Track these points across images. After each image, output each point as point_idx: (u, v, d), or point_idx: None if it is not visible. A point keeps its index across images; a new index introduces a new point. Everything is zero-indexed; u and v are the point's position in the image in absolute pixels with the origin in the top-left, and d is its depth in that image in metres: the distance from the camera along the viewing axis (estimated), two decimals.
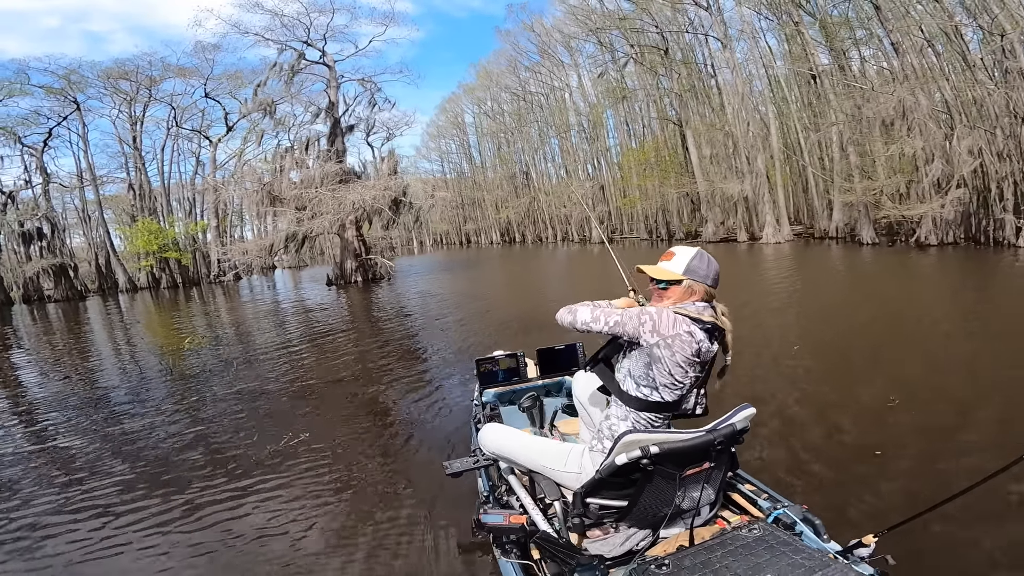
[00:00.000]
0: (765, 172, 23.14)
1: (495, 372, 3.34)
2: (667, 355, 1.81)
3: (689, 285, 1.90)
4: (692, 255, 1.93)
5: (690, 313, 1.83)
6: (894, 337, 6.28)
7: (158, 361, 8.11)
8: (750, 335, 6.63)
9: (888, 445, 3.45)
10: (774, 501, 1.90)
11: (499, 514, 1.87)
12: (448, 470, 2.30)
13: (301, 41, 22.38)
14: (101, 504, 3.58)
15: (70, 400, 6.46)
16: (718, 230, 26.49)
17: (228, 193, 25.66)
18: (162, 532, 3.17)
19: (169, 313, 17.86)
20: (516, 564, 1.82)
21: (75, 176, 32.75)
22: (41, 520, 3.42)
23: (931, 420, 3.83)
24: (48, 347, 12.08)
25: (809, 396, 4.59)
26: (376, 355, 7.57)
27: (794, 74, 24.05)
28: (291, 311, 15.11)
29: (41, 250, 29.62)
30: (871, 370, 5.14)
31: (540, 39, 38.37)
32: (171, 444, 4.63)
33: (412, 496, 3.29)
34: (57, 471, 4.20)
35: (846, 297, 9.64)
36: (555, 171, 46.57)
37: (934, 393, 4.38)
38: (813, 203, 24.33)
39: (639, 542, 1.81)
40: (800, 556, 1.46)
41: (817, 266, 14.75)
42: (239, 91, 31.11)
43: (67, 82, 29.00)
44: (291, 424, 4.80)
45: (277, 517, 3.22)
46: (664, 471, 1.67)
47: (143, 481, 3.87)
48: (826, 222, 22.77)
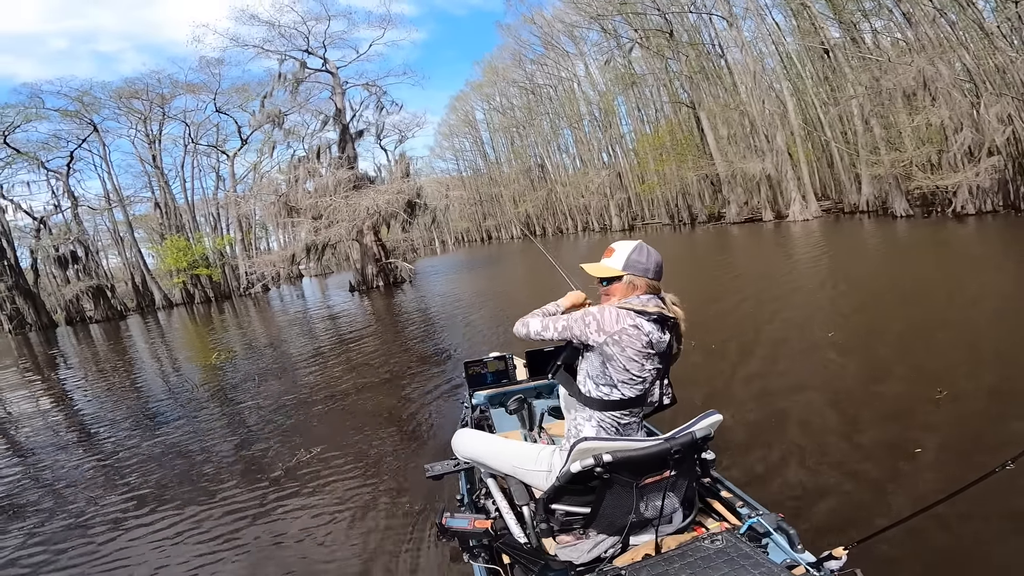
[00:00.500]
0: (787, 149, 22.39)
1: (484, 375, 3.30)
2: (617, 351, 1.79)
3: (630, 280, 1.90)
4: (631, 249, 1.92)
5: (633, 307, 1.82)
6: (941, 316, 5.95)
7: (186, 378, 8.35)
8: (794, 318, 6.41)
9: (927, 443, 3.25)
10: (751, 509, 1.88)
11: (465, 518, 1.87)
12: (428, 473, 2.29)
13: (301, 50, 22.51)
14: (116, 517, 3.70)
15: (98, 417, 6.72)
16: (741, 210, 25.81)
17: (249, 206, 26.17)
18: (171, 544, 3.24)
19: (203, 328, 18.40)
20: (484, 568, 1.82)
21: (102, 198, 33.80)
22: (58, 535, 3.55)
23: (983, 412, 3.54)
24: (84, 368, 12.58)
25: (846, 387, 4.37)
26: (393, 362, 7.62)
27: (805, 49, 23.20)
28: (316, 320, 15.36)
29: (78, 273, 30.81)
30: (918, 354, 4.87)
31: (542, 31, 37.89)
32: (185, 462, 4.75)
33: (394, 498, 3.27)
34: (77, 490, 4.35)
35: (886, 273, 9.18)
36: (570, 162, 46.15)
37: (984, 382, 4.05)
38: (840, 178, 23.46)
39: (607, 549, 1.77)
40: (759, 571, 1.43)
41: (852, 242, 14.17)
42: (248, 104, 31.49)
43: (81, 104, 29.65)
44: (305, 437, 4.88)
45: (275, 523, 3.24)
46: (621, 479, 1.64)
47: (154, 495, 3.99)
48: (855, 196, 21.99)
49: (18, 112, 28.62)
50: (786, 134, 22.66)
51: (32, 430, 6.94)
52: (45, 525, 3.88)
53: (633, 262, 1.90)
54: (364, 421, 5.11)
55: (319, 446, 4.54)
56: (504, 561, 1.83)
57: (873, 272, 9.44)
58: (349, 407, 5.73)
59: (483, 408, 3.19)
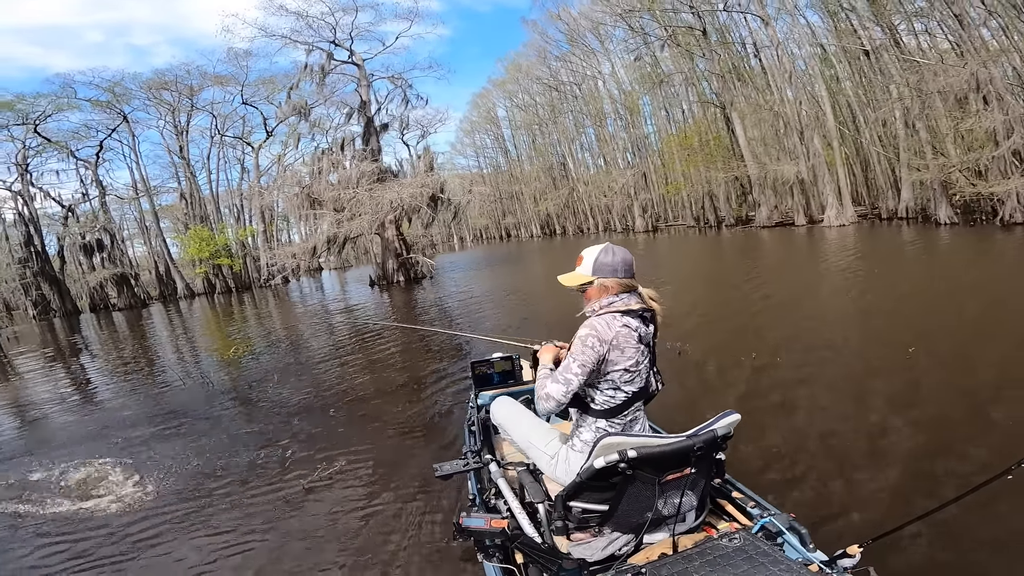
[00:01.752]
0: (823, 152, 21.57)
1: (490, 375, 3.32)
2: (617, 355, 1.85)
3: (601, 283, 1.95)
4: (597, 253, 1.97)
5: (617, 308, 1.89)
6: (1014, 332, 5.38)
7: (203, 371, 8.10)
8: (855, 335, 5.86)
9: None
10: (762, 509, 1.88)
11: (480, 518, 1.85)
12: (438, 472, 2.29)
13: (328, 41, 22.41)
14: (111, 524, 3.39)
15: (111, 412, 6.47)
16: (772, 214, 24.99)
17: (272, 197, 26.22)
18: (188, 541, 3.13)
19: (223, 318, 18.36)
20: (498, 568, 1.82)
21: (130, 188, 34.43)
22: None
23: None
24: (105, 355, 12.52)
25: (941, 413, 3.86)
26: (411, 361, 7.38)
27: (843, 50, 22.31)
28: (335, 314, 15.14)
29: (103, 261, 31.26)
30: (999, 377, 4.34)
31: (568, 27, 37.28)
32: (195, 464, 4.43)
33: (403, 497, 3.24)
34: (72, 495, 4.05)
35: (943, 283, 8.49)
36: (592, 161, 45.50)
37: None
38: (877, 182, 22.57)
39: (621, 547, 1.78)
40: (779, 568, 1.45)
41: (895, 250, 13.42)
42: (275, 96, 31.82)
43: (112, 94, 30.12)
44: (316, 437, 4.69)
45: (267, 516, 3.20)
46: (643, 475, 1.65)
47: (171, 491, 3.74)
48: (892, 202, 21.17)
49: (50, 101, 29.13)
50: (821, 136, 21.82)
51: (43, 417, 6.76)
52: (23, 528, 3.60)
53: (600, 265, 1.95)
54: (378, 421, 4.91)
55: (329, 443, 4.36)
56: (518, 560, 1.81)
57: (935, 280, 8.79)
58: (364, 408, 5.48)
59: (488, 408, 3.16)
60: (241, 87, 32.10)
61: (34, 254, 29.77)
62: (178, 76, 30.93)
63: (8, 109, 28.52)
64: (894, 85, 19.48)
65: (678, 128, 34.29)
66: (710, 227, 30.83)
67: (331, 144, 21.98)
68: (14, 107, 28.60)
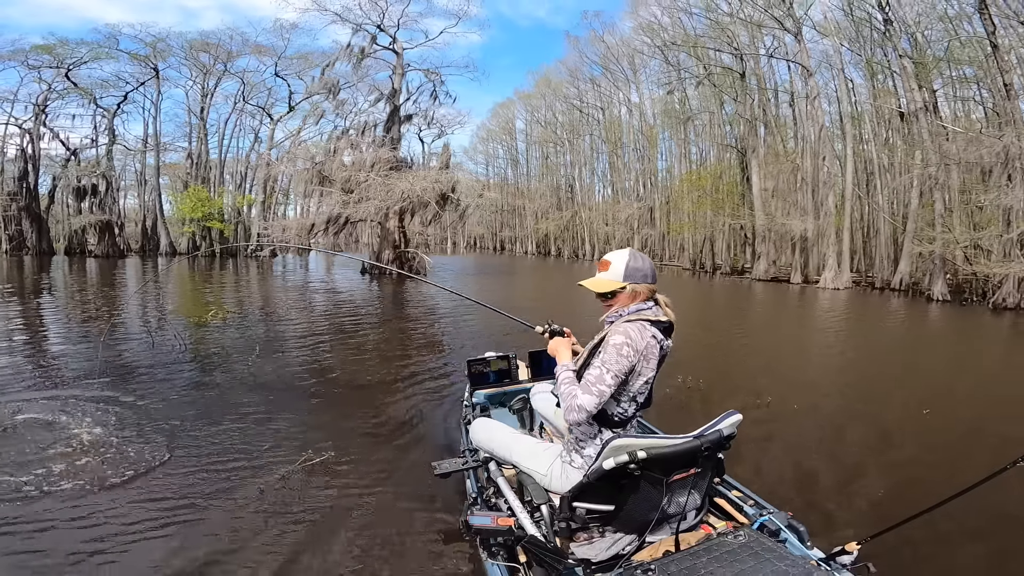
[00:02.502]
0: (834, 212, 21.74)
1: (486, 373, 3.29)
2: (644, 365, 1.82)
3: (633, 288, 1.90)
4: (627, 258, 1.93)
5: (648, 316, 1.85)
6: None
7: (177, 331, 7.55)
8: (863, 397, 5.63)
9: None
10: (759, 508, 1.89)
11: (487, 516, 1.84)
12: (437, 471, 2.27)
13: (375, 25, 22.42)
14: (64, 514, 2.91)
15: (69, 366, 5.95)
16: (770, 268, 25.08)
17: (279, 169, 25.82)
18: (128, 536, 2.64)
19: (200, 281, 17.70)
20: (503, 566, 1.80)
21: (141, 140, 34.01)
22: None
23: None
24: (76, 301, 11.86)
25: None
26: (398, 353, 7.05)
27: (875, 111, 22.62)
28: (322, 295, 14.63)
29: (92, 206, 30.40)
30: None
31: (607, 49, 37.74)
32: (165, 438, 3.96)
33: (399, 495, 3.17)
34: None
35: (944, 360, 8.38)
36: (602, 188, 45.74)
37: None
38: (878, 250, 22.73)
39: (625, 547, 1.78)
40: (784, 563, 1.46)
41: (893, 320, 13.35)
42: (306, 73, 32.00)
43: (153, 50, 30.21)
44: (302, 426, 4.25)
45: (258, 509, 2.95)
46: (651, 476, 1.66)
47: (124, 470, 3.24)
48: (887, 272, 21.21)
49: (90, 49, 29.19)
50: (836, 196, 22.01)
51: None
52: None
53: (632, 271, 1.90)
54: (368, 414, 4.59)
55: (318, 435, 3.98)
56: (521, 559, 1.81)
57: (936, 355, 8.67)
58: (353, 398, 5.10)
59: (484, 407, 3.19)
60: (277, 59, 32.23)
61: (25, 190, 28.85)
62: (220, 40, 31.10)
63: (47, 52, 28.54)
64: (920, 151, 19.53)
65: (692, 168, 34.60)
66: (705, 272, 30.94)
67: (351, 126, 21.78)
68: (53, 51, 28.57)
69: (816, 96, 22.92)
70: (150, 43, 29.88)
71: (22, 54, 27.97)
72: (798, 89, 24.40)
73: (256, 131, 36.18)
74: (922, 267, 19.27)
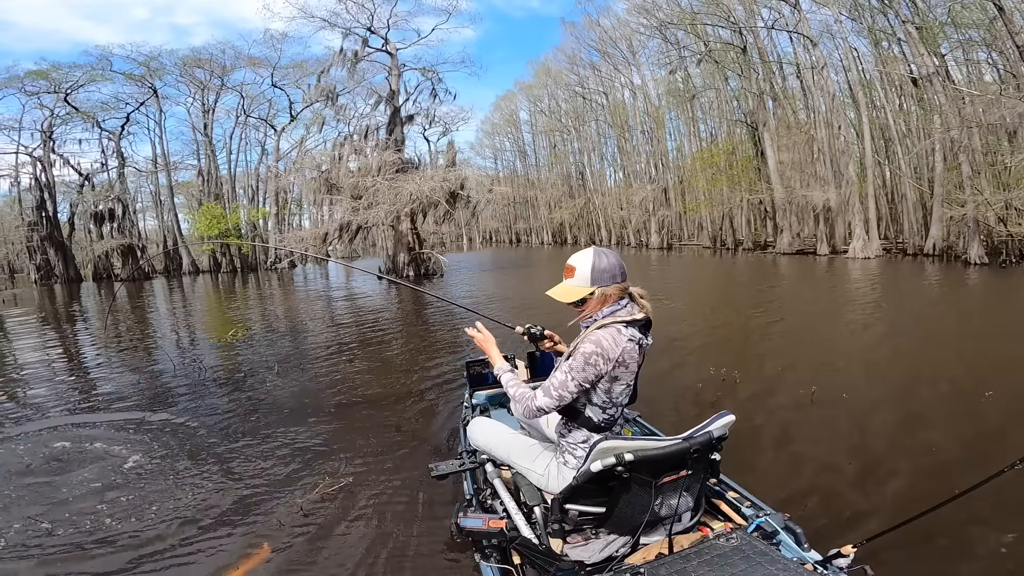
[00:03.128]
0: (856, 180, 20.96)
1: (485, 375, 3.26)
2: (623, 371, 1.78)
3: (602, 292, 1.82)
4: (591, 262, 1.84)
5: (622, 318, 1.78)
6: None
7: (197, 354, 7.55)
8: (922, 379, 5.21)
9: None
10: (757, 509, 1.88)
11: (479, 518, 1.85)
12: (434, 472, 2.27)
13: (365, 28, 22.26)
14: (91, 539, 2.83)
15: (93, 391, 5.95)
16: (794, 241, 24.37)
17: (288, 180, 25.96)
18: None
19: (225, 298, 17.90)
20: (496, 568, 1.79)
21: (151, 161, 34.53)
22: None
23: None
24: (103, 327, 12.05)
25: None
26: (416, 359, 6.89)
27: (884, 77, 21.70)
28: (341, 305, 14.63)
29: (112, 231, 31.03)
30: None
31: (604, 33, 36.96)
32: (186, 442, 3.89)
33: (398, 496, 3.17)
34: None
35: (998, 327, 7.84)
36: (613, 172, 45.06)
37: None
38: (907, 216, 21.88)
39: (618, 549, 1.77)
40: (776, 567, 1.45)
41: (933, 287, 12.71)
42: (303, 81, 31.93)
43: (147, 68, 30.44)
44: (312, 436, 4.15)
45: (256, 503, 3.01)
46: (639, 478, 1.64)
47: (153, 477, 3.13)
48: (918, 237, 20.50)
49: (84, 72, 29.50)
50: (856, 163, 21.22)
51: (21, 385, 6.25)
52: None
53: (599, 273, 1.82)
54: (376, 418, 4.60)
55: (321, 438, 4.08)
56: (515, 561, 1.79)
57: (989, 324, 8.17)
58: (361, 404, 5.10)
59: (484, 408, 3.17)
60: (272, 69, 32.38)
61: (44, 219, 29.55)
62: (213, 55, 31.32)
63: (42, 78, 28.95)
64: (938, 116, 18.81)
65: (703, 146, 33.78)
66: (727, 249, 30.22)
67: (354, 131, 21.69)
68: (48, 76, 29.00)
69: (823, 66, 22.12)
70: (143, 62, 30.03)
71: (18, 80, 28.25)
72: (803, 60, 23.57)
73: (262, 143, 36.52)
74: (954, 231, 18.69)
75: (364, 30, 22.24)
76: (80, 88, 29.86)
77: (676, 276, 18.55)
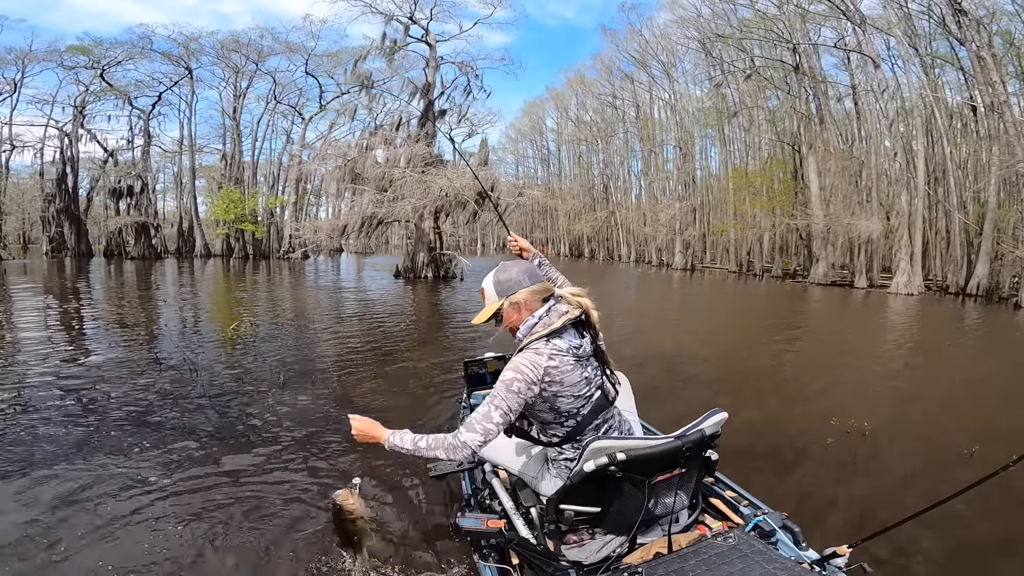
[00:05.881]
0: (907, 211, 19.90)
1: (482, 375, 3.23)
2: (559, 388, 1.70)
3: (511, 301, 1.79)
4: (492, 277, 1.85)
5: (540, 332, 1.71)
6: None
7: (194, 353, 6.65)
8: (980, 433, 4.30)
9: None
10: (754, 508, 1.87)
11: (477, 518, 1.79)
12: (433, 472, 2.20)
13: (407, 17, 21.70)
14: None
15: (82, 380, 5.12)
16: (829, 272, 23.25)
17: (311, 168, 25.37)
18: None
19: (234, 284, 17.18)
20: (494, 568, 1.77)
21: (177, 142, 34.39)
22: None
23: None
24: (108, 304, 11.34)
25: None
26: (424, 359, 6.50)
27: (937, 105, 20.73)
28: (355, 302, 13.78)
29: (129, 207, 30.66)
30: None
31: (643, 42, 36.20)
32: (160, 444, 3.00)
33: (396, 495, 3.06)
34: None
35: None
36: (639, 187, 44.12)
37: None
38: (952, 252, 20.81)
39: (615, 549, 1.73)
40: (773, 566, 1.45)
41: (986, 332, 11.62)
42: (336, 72, 31.86)
43: (186, 49, 30.44)
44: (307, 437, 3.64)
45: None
46: (633, 478, 1.63)
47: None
48: (959, 276, 19.48)
49: (125, 49, 29.58)
50: (909, 194, 20.16)
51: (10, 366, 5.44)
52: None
53: (502, 285, 1.81)
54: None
55: (325, 437, 3.76)
56: (513, 561, 1.77)
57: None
58: (363, 404, 4.77)
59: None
60: (307, 57, 32.12)
61: (64, 191, 29.23)
62: (251, 39, 31.26)
63: (84, 53, 29.10)
64: (996, 147, 17.91)
65: (737, 166, 32.77)
66: (753, 275, 29.14)
67: (385, 122, 21.11)
68: (89, 52, 29.03)
69: (884, 89, 21.12)
70: (183, 42, 30.04)
71: (57, 55, 28.43)
72: (859, 82, 22.56)
73: (288, 132, 36.38)
74: (1003, 272, 17.81)
75: (406, 18, 21.72)
76: (117, 65, 29.93)
77: (719, 306, 17.54)
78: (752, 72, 25.70)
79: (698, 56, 31.18)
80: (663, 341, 8.44)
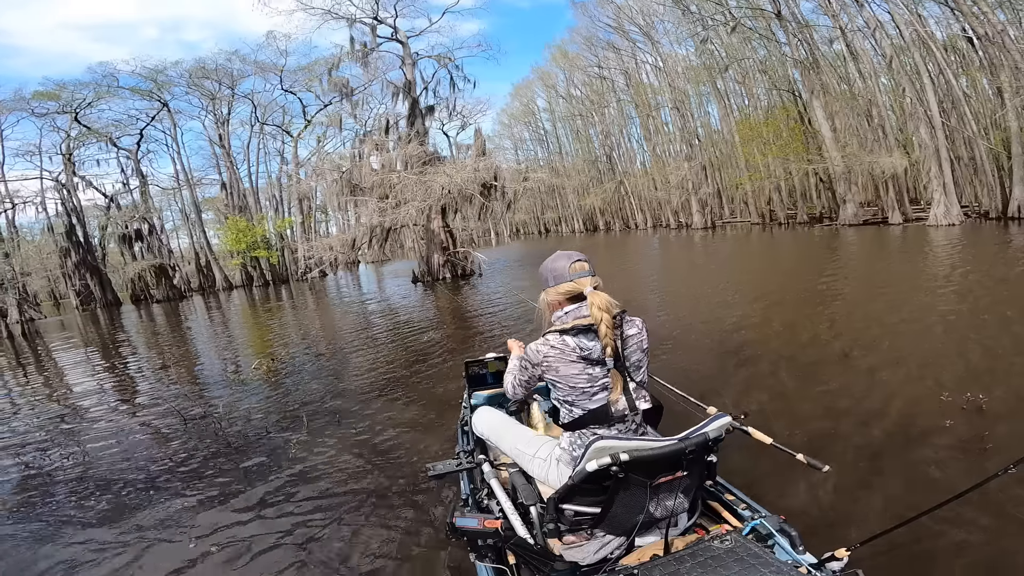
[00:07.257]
0: (930, 143, 18.99)
1: (484, 375, 3.24)
2: (554, 376, 1.83)
3: (543, 300, 1.95)
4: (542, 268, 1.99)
5: (555, 328, 1.83)
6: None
7: (213, 398, 6.48)
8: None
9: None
10: (753, 511, 1.89)
11: (474, 518, 1.74)
12: (431, 472, 2.14)
13: (371, 17, 21.12)
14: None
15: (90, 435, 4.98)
16: (859, 212, 22.27)
17: (310, 185, 25.18)
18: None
19: (261, 313, 17.21)
20: (491, 568, 1.78)
21: (173, 178, 34.46)
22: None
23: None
24: (132, 354, 11.39)
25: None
26: (419, 361, 6.50)
27: (922, 40, 19.67)
28: (378, 318, 13.58)
29: (141, 251, 30.99)
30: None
31: (616, 8, 34.95)
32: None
33: (395, 496, 3.07)
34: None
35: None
36: (643, 153, 43.04)
37: None
38: (985, 179, 19.84)
39: (614, 550, 1.74)
40: (769, 570, 1.44)
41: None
42: (314, 84, 31.30)
43: (154, 82, 29.97)
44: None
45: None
46: (635, 478, 1.64)
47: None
48: (996, 200, 18.92)
49: (92, 89, 29.18)
50: (927, 126, 19.17)
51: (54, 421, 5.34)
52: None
53: (542, 280, 1.95)
54: (378, 417, 4.60)
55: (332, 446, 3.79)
56: (510, 561, 1.76)
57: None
58: (366, 407, 4.94)
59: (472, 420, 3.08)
60: (280, 73, 31.67)
61: (75, 244, 29.66)
62: (219, 64, 30.83)
63: (50, 99, 28.70)
64: (1005, 74, 17.43)
65: (739, 118, 31.57)
66: (779, 224, 28.15)
67: (373, 127, 20.74)
68: (58, 97, 28.74)
69: (875, 27, 20.02)
70: (149, 76, 29.52)
71: (25, 103, 28.07)
72: (844, 23, 21.41)
73: (280, 152, 36.14)
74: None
75: (371, 19, 21.16)
76: (90, 106, 29.53)
77: (757, 264, 16.87)
78: (736, 24, 24.56)
79: (675, 15, 30.00)
80: (702, 316, 7.97)
